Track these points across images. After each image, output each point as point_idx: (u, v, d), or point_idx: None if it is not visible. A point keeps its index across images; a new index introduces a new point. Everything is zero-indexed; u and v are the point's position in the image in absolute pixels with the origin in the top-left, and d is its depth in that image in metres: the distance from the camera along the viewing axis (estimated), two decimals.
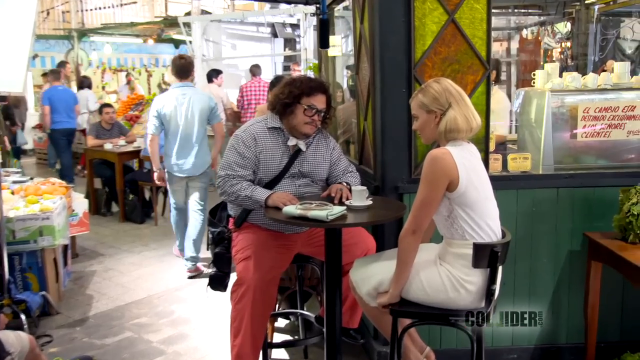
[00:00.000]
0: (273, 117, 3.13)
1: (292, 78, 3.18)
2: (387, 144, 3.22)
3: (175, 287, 4.92)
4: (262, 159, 3.05)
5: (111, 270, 5.41)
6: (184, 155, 5.13)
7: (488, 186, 2.48)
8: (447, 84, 2.46)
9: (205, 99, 5.20)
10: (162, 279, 5.13)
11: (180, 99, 5.11)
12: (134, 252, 5.96)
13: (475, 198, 2.38)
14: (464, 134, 2.42)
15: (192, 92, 5.16)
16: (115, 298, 4.69)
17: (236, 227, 3.16)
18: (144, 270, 5.38)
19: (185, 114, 5.09)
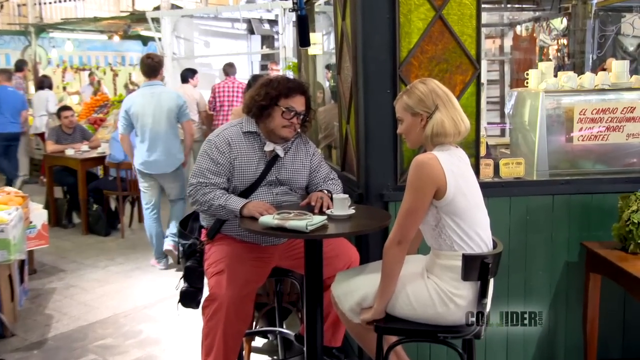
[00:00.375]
0: (249, 121, 3.15)
1: (268, 78, 3.20)
2: (371, 149, 3.25)
3: (144, 305, 4.90)
4: (236, 165, 3.06)
5: (73, 287, 5.38)
6: (153, 153, 5.51)
7: (478, 193, 2.52)
8: (433, 85, 2.50)
9: (173, 97, 5.60)
10: (130, 296, 5.11)
11: (148, 97, 5.50)
12: (98, 267, 5.93)
13: (464, 206, 2.41)
14: (452, 138, 2.46)
15: (160, 90, 5.59)
16: (77, 318, 4.66)
17: (209, 238, 3.17)
18: (110, 287, 5.36)
19: (153, 113, 5.48)
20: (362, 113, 3.26)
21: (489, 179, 3.44)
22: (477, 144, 3.31)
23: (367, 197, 3.29)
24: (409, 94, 2.52)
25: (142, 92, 5.57)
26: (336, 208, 2.84)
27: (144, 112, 5.47)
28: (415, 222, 2.42)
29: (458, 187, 2.40)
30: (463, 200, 2.41)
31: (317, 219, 2.65)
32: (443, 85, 2.54)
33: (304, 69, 5.23)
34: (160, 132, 5.50)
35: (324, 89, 6.17)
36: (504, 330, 3.40)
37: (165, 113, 5.50)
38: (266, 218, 2.69)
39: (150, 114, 5.48)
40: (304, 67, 5.24)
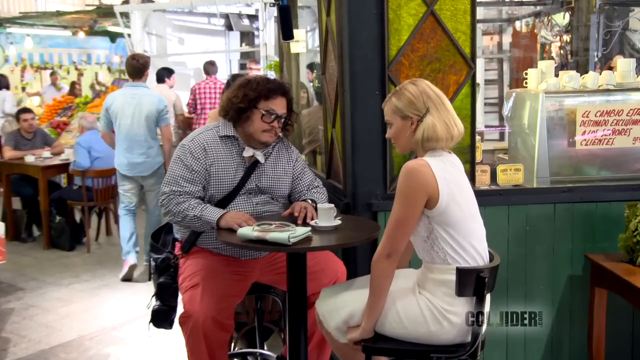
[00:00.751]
0: (226, 124, 3.17)
1: (247, 79, 3.22)
2: (359, 155, 3.28)
3: (112, 326, 4.89)
4: (213, 172, 3.08)
5: (33, 307, 5.35)
6: (132, 154, 5.89)
7: (473, 202, 2.56)
8: (424, 86, 2.54)
9: (154, 100, 5.95)
10: (96, 317, 5.10)
11: (129, 98, 5.89)
12: (61, 285, 5.91)
13: (458, 216, 2.44)
14: (444, 142, 2.50)
15: (142, 92, 5.96)
16: (37, 341, 4.65)
17: (183, 252, 3.18)
18: (74, 307, 5.34)
19: (132, 114, 5.86)
20: (348, 116, 3.29)
21: (486, 186, 3.48)
22: (472, 149, 3.35)
23: (354, 207, 3.32)
24: (398, 95, 2.55)
25: (124, 92, 5.97)
26: (321, 219, 2.86)
27: (123, 112, 5.85)
28: (406, 234, 2.45)
29: (451, 195, 2.43)
30: (457, 210, 2.44)
31: (300, 230, 2.66)
32: (435, 86, 2.57)
33: (287, 68, 5.27)
34: (138, 134, 5.86)
35: (307, 90, 6.21)
36: (504, 349, 3.44)
37: (144, 116, 5.86)
38: (245, 230, 2.71)
39: (129, 115, 5.85)
40: (287, 67, 5.27)
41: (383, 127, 3.13)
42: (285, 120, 3.19)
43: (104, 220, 7.62)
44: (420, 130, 2.49)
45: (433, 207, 2.41)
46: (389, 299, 2.52)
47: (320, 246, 2.79)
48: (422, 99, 2.50)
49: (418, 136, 2.49)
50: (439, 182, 2.40)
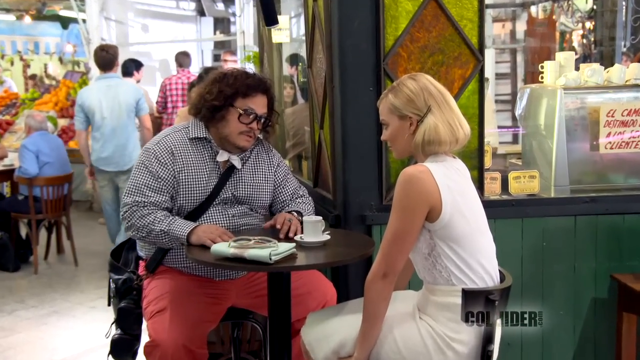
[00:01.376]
0: (197, 125, 3.19)
1: (222, 73, 3.23)
2: (350, 160, 3.32)
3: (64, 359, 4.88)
4: (182, 180, 3.10)
5: None
6: (109, 149, 6.52)
7: (481, 214, 2.58)
8: (425, 82, 2.56)
9: (131, 90, 6.66)
10: (45, 349, 5.08)
11: (104, 90, 6.52)
12: (3, 312, 5.89)
13: (464, 230, 2.47)
14: (448, 146, 2.52)
15: (117, 83, 6.65)
16: None
17: (148, 272, 3.19)
18: (18, 338, 5.32)
19: (110, 107, 6.50)
20: (338, 116, 3.33)
21: (496, 196, 3.52)
22: (481, 154, 3.39)
23: (345, 220, 3.35)
24: (395, 92, 2.58)
25: (98, 85, 6.64)
26: (307, 233, 2.88)
27: (101, 106, 6.47)
28: (404, 250, 2.47)
29: (456, 206, 2.45)
30: (462, 223, 2.47)
31: (283, 246, 2.68)
32: (437, 82, 2.59)
33: (268, 60, 5.28)
34: (117, 127, 6.51)
35: (294, 84, 6.23)
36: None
37: (124, 107, 6.53)
38: (220, 246, 2.72)
39: (107, 108, 6.49)
40: (268, 58, 5.28)
41: (378, 128, 3.17)
42: (266, 121, 3.22)
43: (54, 236, 7.59)
44: (420, 132, 2.51)
45: (435, 219, 2.43)
46: (385, 325, 2.54)
47: (307, 265, 2.81)
48: (422, 96, 2.52)
49: (418, 139, 2.52)
50: (442, 191, 2.42)
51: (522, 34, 9.57)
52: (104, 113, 6.51)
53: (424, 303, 2.57)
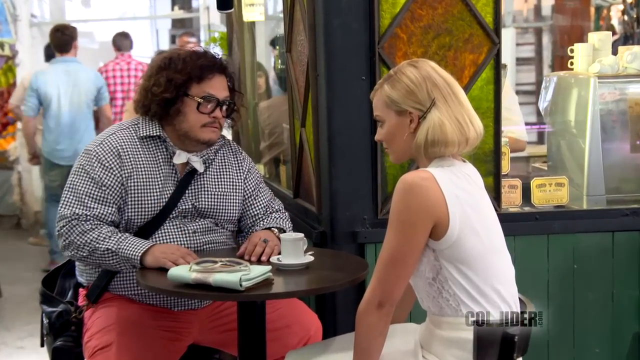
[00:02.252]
0: (148, 120, 3.22)
1: (166, 57, 3.22)
2: (339, 165, 3.35)
3: None
4: (131, 187, 3.11)
5: None
6: (65, 140, 7.03)
7: (497, 230, 2.61)
8: (429, 69, 2.57)
9: (91, 77, 7.27)
10: None
11: (62, 76, 7.06)
12: None
13: (476, 249, 2.48)
14: (456, 147, 2.53)
15: (77, 68, 7.19)
16: None
17: (90, 301, 3.17)
18: None
19: (70, 95, 7.05)
20: (323, 110, 3.36)
21: (516, 208, 3.55)
22: (497, 157, 3.42)
23: (332, 238, 3.38)
24: (392, 82, 2.58)
25: (55, 69, 7.15)
26: (286, 254, 2.90)
27: (59, 92, 7.00)
28: (404, 274, 2.48)
29: (466, 220, 2.47)
30: (474, 241, 2.48)
31: (256, 270, 2.70)
32: (443, 70, 2.61)
33: (238, 43, 5.26)
34: (76, 118, 7.08)
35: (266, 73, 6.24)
36: None
37: (84, 96, 7.12)
38: (179, 270, 2.74)
39: (66, 95, 7.03)
40: (238, 41, 5.26)
41: (372, 125, 3.20)
42: (230, 106, 3.24)
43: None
44: (422, 131, 2.52)
45: (441, 236, 2.45)
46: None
47: (285, 292, 2.84)
48: (425, 86, 2.53)
49: (420, 139, 2.52)
50: (449, 202, 2.44)
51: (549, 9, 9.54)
52: (62, 101, 7.02)
53: (428, 338, 2.59)
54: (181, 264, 2.83)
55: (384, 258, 2.48)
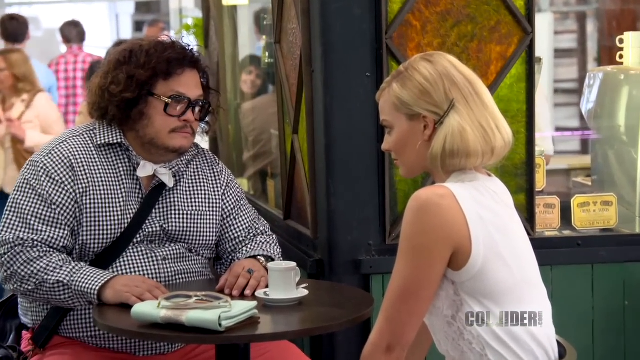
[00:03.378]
0: (106, 126, 3.22)
1: (125, 50, 3.21)
2: (339, 180, 3.37)
3: None
4: (87, 206, 3.11)
5: None
6: None
7: (529, 258, 2.60)
8: (447, 64, 2.57)
9: (42, 74, 7.31)
10: None
11: None
12: None
13: (505, 282, 2.48)
14: (480, 158, 2.52)
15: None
16: None
17: (37, 346, 3.16)
18: None
19: None
20: (320, 114, 3.38)
21: (553, 231, 3.56)
22: (530, 169, 3.43)
23: (331, 267, 3.39)
24: (403, 80, 2.58)
25: None
26: (274, 287, 2.90)
27: None
28: (417, 311, 2.47)
29: (492, 246, 2.46)
30: (501, 271, 2.47)
31: (239, 306, 2.70)
32: (464, 65, 2.61)
33: (216, 31, 5.27)
34: None
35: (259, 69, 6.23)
36: None
37: None
38: (146, 307, 2.73)
39: None
40: (216, 29, 5.27)
41: (379, 132, 3.22)
42: (204, 107, 3.24)
43: None
44: (439, 139, 2.51)
45: (462, 266, 2.44)
46: None
47: (274, 333, 2.85)
48: (442, 85, 2.52)
49: (436, 148, 2.51)
50: (471, 225, 2.43)
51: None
52: None
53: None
54: (148, 299, 2.81)
55: (393, 292, 2.46)
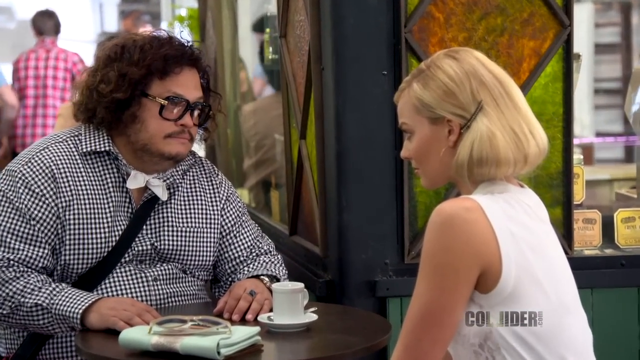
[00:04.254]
0: (92, 131, 3.24)
1: (117, 45, 3.22)
2: (352, 191, 3.39)
3: None
4: (70, 221, 3.13)
5: None
6: None
7: (567, 280, 2.61)
8: (474, 62, 2.58)
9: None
10: None
11: None
12: None
13: (539, 307, 2.48)
14: (511, 167, 2.53)
15: None
16: None
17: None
18: None
19: None
20: (331, 117, 3.41)
21: (594, 250, 3.57)
22: (567, 180, 3.45)
23: (342, 289, 3.41)
24: (425, 79, 2.59)
25: None
26: (279, 311, 2.92)
27: None
28: (440, 339, 2.48)
29: (525, 266, 2.47)
30: (535, 294, 2.48)
31: (240, 332, 2.71)
32: (494, 63, 2.62)
33: (214, 23, 5.27)
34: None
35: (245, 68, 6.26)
36: None
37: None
38: (136, 332, 2.75)
39: None
40: (214, 21, 5.27)
41: (397, 137, 3.26)
42: (203, 110, 3.26)
43: None
44: (465, 145, 2.52)
45: (490, 288, 2.45)
46: None
47: None
48: (469, 85, 2.53)
49: (462, 156, 2.52)
50: (502, 242, 2.44)
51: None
52: None
53: None
54: (137, 323, 2.82)
55: (413, 317, 2.47)
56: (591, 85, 9.00)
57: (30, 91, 8.45)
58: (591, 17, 9.47)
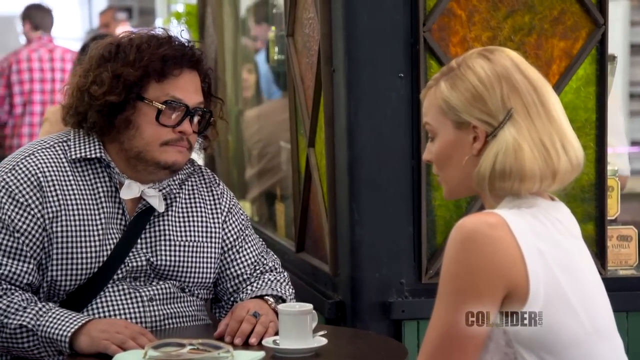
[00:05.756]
0: (82, 137, 3.26)
1: (111, 44, 3.23)
2: (364, 204, 3.40)
3: None
4: (58, 234, 3.14)
5: None
6: None
7: (602, 304, 2.61)
8: (508, 64, 2.56)
9: None
10: None
11: None
12: None
13: (570, 332, 2.49)
14: (537, 183, 2.51)
15: None
16: None
17: None
18: None
19: None
20: (342, 123, 3.42)
21: (629, 269, 3.59)
22: (601, 193, 3.46)
23: (354, 311, 3.42)
24: (453, 79, 2.58)
25: None
26: (285, 334, 2.93)
27: None
28: None
29: (555, 287, 2.47)
30: (567, 319, 2.47)
31: (243, 357, 2.75)
32: (532, 67, 2.60)
33: (214, 21, 5.28)
34: None
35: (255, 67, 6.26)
36: None
37: None
38: (129, 357, 2.77)
39: None
40: (214, 18, 5.28)
41: (414, 145, 3.27)
42: (204, 117, 3.27)
43: None
44: (489, 155, 2.51)
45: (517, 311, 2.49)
46: None
47: None
48: (500, 90, 2.52)
49: (484, 167, 2.52)
50: (529, 261, 2.43)
51: None
52: None
53: None
54: (131, 347, 2.83)
55: (432, 342, 2.47)
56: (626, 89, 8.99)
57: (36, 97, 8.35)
58: (627, 15, 9.46)
